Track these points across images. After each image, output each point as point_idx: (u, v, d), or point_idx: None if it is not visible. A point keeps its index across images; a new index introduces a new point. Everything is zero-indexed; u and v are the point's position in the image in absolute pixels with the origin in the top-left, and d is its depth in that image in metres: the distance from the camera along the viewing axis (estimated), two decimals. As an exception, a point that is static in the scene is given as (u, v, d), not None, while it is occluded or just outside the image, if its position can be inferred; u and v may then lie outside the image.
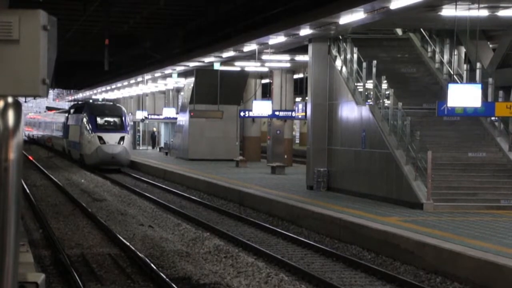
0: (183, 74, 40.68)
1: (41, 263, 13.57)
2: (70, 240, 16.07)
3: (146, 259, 13.41)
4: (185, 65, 36.62)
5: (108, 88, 59.34)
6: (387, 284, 12.32)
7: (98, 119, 37.61)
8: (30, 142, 75.03)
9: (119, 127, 37.27)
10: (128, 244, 15.03)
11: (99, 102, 52.25)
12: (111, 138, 36.27)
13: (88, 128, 37.38)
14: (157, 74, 42.61)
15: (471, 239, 13.79)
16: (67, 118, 46.02)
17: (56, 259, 13.80)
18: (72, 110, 45.63)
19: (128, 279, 12.32)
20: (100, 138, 36.34)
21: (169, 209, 22.14)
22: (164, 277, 11.90)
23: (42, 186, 29.04)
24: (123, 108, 40.26)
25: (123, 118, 37.92)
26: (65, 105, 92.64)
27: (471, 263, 12.18)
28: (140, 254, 13.81)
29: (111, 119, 37.79)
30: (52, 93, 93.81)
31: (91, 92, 68.25)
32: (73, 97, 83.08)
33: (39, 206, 21.75)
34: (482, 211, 18.05)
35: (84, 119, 38.14)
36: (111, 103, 46.58)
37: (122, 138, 36.47)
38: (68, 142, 44.19)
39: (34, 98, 72.89)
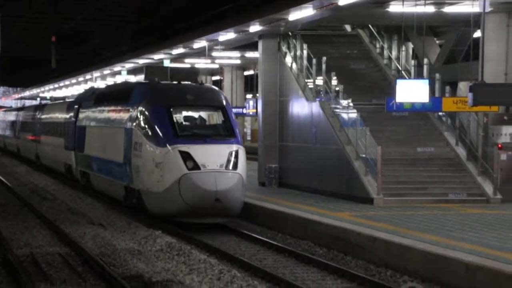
0: (133, 72, 40.37)
1: (-11, 264, 13.32)
2: (19, 240, 15.81)
3: (97, 257, 13.27)
4: (134, 62, 36.34)
5: (56, 86, 58.59)
6: (339, 279, 12.42)
7: (177, 115, 17.86)
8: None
9: (224, 132, 17.56)
10: (78, 243, 14.85)
11: (167, 82, 20.08)
12: (212, 156, 16.79)
13: (152, 134, 17.44)
14: (106, 71, 42.19)
15: (421, 233, 13.98)
16: (76, 115, 25.77)
17: (4, 259, 13.56)
18: (92, 99, 24.02)
19: (79, 278, 12.18)
20: (187, 156, 16.69)
21: (120, 208, 21.93)
22: (116, 275, 11.79)
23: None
24: (222, 92, 19.71)
25: (228, 112, 17.99)
26: (12, 103, 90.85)
27: (420, 256, 12.35)
28: (90, 253, 13.66)
29: (204, 114, 18.48)
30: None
31: (38, 90, 67.30)
32: (20, 95, 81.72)
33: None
34: (431, 205, 18.32)
35: (140, 116, 18.11)
36: (195, 82, 19.86)
37: (232, 156, 17.02)
38: (86, 160, 23.64)
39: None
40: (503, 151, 18.99)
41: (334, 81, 21.60)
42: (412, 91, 17.02)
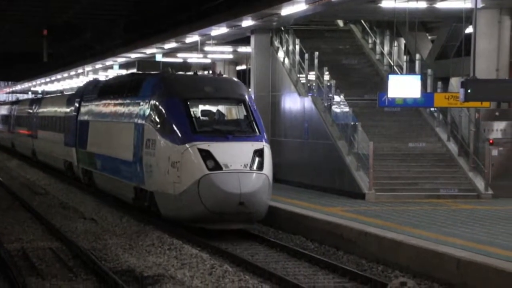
0: (125, 66, 40.26)
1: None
2: (9, 235, 15.77)
3: (88, 252, 13.25)
4: (126, 57, 36.25)
5: (48, 80, 58.43)
6: (330, 274, 12.43)
7: (194, 108, 16.19)
8: None
9: (248, 128, 15.84)
10: (69, 237, 14.83)
11: (182, 73, 19.78)
12: (235, 155, 15.13)
13: (167, 130, 15.75)
14: (98, 65, 42.07)
15: (412, 228, 14.01)
16: (77, 109, 24.12)
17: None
18: (96, 91, 22.34)
19: (70, 273, 12.16)
20: (207, 155, 15.00)
21: (112, 203, 21.89)
22: (107, 270, 11.77)
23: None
24: (243, 84, 17.46)
25: (251, 106, 16.24)
26: (3, 97, 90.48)
27: (412, 252, 12.37)
28: (82, 247, 13.64)
29: (225, 108, 16.67)
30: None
31: (30, 84, 67.09)
32: (11, 89, 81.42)
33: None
34: (422, 200, 18.36)
35: (153, 110, 16.44)
36: (212, 73, 18.97)
37: (258, 155, 15.31)
38: (90, 157, 21.98)
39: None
40: (494, 146, 19.05)
41: (326, 76, 21.62)
42: (404, 87, 17.04)
